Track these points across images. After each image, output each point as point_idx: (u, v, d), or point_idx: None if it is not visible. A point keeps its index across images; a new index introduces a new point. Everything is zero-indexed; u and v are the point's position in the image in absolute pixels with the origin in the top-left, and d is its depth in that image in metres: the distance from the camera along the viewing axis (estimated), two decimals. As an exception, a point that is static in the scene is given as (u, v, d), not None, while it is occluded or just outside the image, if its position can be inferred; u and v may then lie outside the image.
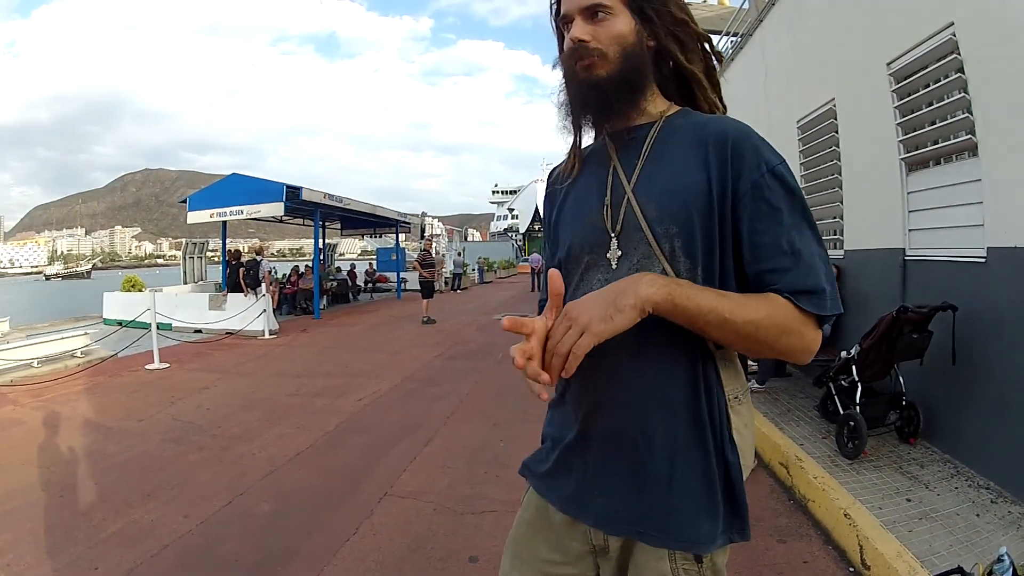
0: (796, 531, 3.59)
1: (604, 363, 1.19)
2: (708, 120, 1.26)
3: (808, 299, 1.09)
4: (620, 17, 1.22)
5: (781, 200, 1.14)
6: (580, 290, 1.28)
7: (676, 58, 1.29)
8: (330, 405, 6.74)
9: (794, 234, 1.13)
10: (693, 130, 1.23)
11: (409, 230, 27.98)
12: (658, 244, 1.18)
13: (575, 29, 1.22)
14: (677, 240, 1.17)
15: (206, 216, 15.74)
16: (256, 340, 12.17)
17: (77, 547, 3.54)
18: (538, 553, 1.36)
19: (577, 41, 1.21)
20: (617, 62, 1.21)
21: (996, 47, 3.83)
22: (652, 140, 1.26)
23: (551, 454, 1.36)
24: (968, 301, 4.05)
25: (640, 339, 1.14)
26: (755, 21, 9.04)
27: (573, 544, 1.32)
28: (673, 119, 1.28)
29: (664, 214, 1.18)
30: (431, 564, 3.30)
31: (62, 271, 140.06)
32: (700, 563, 1.19)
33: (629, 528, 1.21)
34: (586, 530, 1.29)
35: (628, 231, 1.22)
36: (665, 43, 1.26)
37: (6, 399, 7.30)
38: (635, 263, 1.20)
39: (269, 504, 4.10)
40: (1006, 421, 3.72)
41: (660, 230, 1.18)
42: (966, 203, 4.20)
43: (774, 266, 1.12)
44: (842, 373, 4.67)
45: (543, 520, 1.36)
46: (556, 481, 1.32)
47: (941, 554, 2.96)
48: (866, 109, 5.50)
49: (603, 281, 1.23)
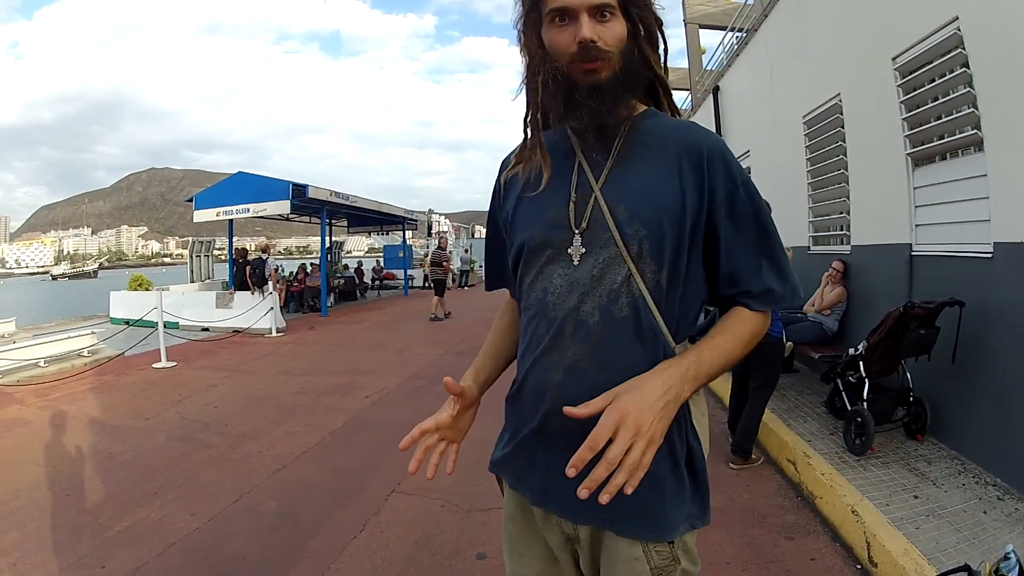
0: (803, 528, 3.58)
1: (564, 358, 1.21)
2: (679, 126, 1.29)
3: (768, 299, 1.25)
4: (620, 19, 1.20)
5: (750, 211, 1.24)
6: (538, 284, 1.28)
7: (651, 64, 1.28)
8: (337, 403, 6.75)
9: (761, 242, 1.25)
10: (664, 135, 1.26)
11: (416, 227, 27.99)
12: (626, 245, 1.19)
13: (585, 28, 1.16)
14: (646, 243, 1.18)
15: (212, 215, 15.75)
16: (263, 338, 12.20)
17: (83, 545, 3.55)
18: (533, 545, 1.38)
19: (588, 41, 1.16)
20: (618, 65, 1.20)
21: (1001, 42, 3.81)
22: (622, 140, 1.26)
23: (510, 444, 1.38)
24: (975, 297, 4.03)
25: (603, 335, 1.19)
26: (760, 16, 9.02)
27: (551, 536, 1.34)
28: (641, 119, 1.28)
29: (634, 216, 1.19)
30: (438, 561, 3.31)
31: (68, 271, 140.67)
32: (671, 544, 1.21)
33: (595, 518, 1.22)
34: (558, 521, 1.30)
35: (595, 229, 1.22)
36: (643, 47, 1.26)
37: (12, 399, 7.33)
38: (600, 262, 1.21)
39: (276, 502, 4.11)
40: (1013, 417, 3.70)
41: (630, 232, 1.19)
42: (972, 198, 4.18)
43: (743, 268, 1.25)
44: (849, 369, 4.66)
45: (525, 514, 1.38)
46: (524, 474, 1.34)
47: (948, 551, 2.95)
48: (872, 104, 5.48)
49: (563, 276, 1.24)
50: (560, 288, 1.24)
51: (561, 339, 1.22)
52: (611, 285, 1.19)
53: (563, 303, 1.22)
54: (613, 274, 1.19)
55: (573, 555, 1.34)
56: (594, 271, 1.20)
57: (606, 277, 1.20)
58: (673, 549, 1.21)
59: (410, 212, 23.93)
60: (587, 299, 1.20)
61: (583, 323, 1.20)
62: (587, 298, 1.20)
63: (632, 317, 1.18)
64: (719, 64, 12.21)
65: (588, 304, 1.20)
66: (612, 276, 1.19)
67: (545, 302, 1.25)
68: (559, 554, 1.34)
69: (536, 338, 1.27)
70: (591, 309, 1.20)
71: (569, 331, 1.21)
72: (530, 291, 1.31)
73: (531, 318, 1.30)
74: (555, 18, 1.20)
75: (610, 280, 1.19)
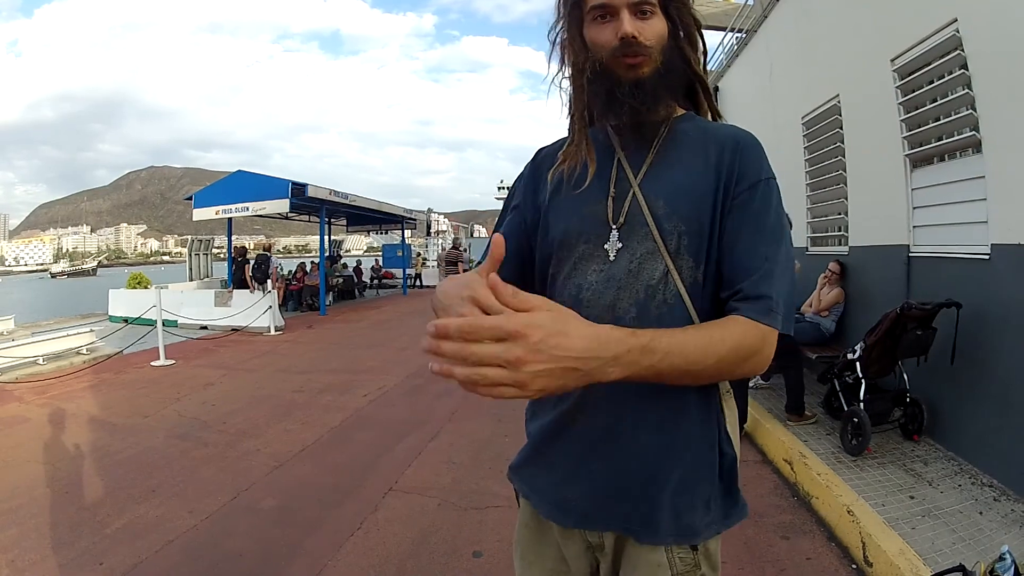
0: (799, 528, 3.60)
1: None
2: (718, 126, 1.28)
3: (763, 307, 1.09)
4: (660, 17, 1.20)
5: (770, 210, 1.17)
6: (571, 281, 1.25)
7: (691, 63, 1.28)
8: (335, 401, 6.75)
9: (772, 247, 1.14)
10: (702, 135, 1.24)
11: (415, 226, 27.98)
12: (664, 241, 1.17)
13: (627, 24, 1.16)
14: (684, 239, 1.16)
15: (212, 213, 15.73)
16: (262, 336, 12.19)
17: (82, 542, 3.56)
18: (544, 553, 1.35)
19: (629, 37, 1.16)
20: (659, 62, 1.20)
21: (999, 43, 3.82)
22: (661, 139, 1.25)
23: (527, 449, 1.35)
24: (972, 298, 4.04)
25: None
26: (760, 17, 9.03)
27: (569, 543, 1.31)
28: (680, 122, 1.28)
29: (673, 211, 1.17)
30: (435, 559, 3.32)
31: (68, 269, 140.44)
32: (695, 550, 1.19)
33: (618, 525, 1.20)
34: (581, 529, 1.28)
35: (632, 225, 1.20)
36: (683, 47, 1.26)
37: (11, 396, 7.34)
38: (637, 256, 1.18)
39: (274, 500, 4.12)
40: (1010, 418, 3.71)
41: (668, 227, 1.17)
42: (970, 200, 4.19)
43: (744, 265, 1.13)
44: (846, 370, 4.68)
45: (540, 522, 1.35)
46: (541, 485, 1.30)
47: (943, 552, 2.96)
48: (870, 105, 5.49)
49: (598, 272, 1.21)
50: (595, 284, 1.21)
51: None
52: (649, 280, 1.16)
53: (599, 299, 1.19)
54: (650, 269, 1.17)
55: (591, 564, 1.31)
56: (631, 266, 1.18)
57: (643, 272, 1.17)
58: (696, 555, 1.19)
59: (409, 211, 23.91)
60: (623, 294, 1.17)
61: (620, 320, 1.15)
62: (623, 293, 1.17)
63: (668, 314, 1.15)
64: (719, 64, 12.20)
65: (625, 300, 1.17)
66: (649, 271, 1.17)
67: (579, 299, 1.22)
68: (574, 563, 1.31)
69: None
70: (628, 305, 1.17)
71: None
72: (563, 289, 1.27)
73: None
74: (596, 16, 1.20)
75: (647, 275, 1.17)
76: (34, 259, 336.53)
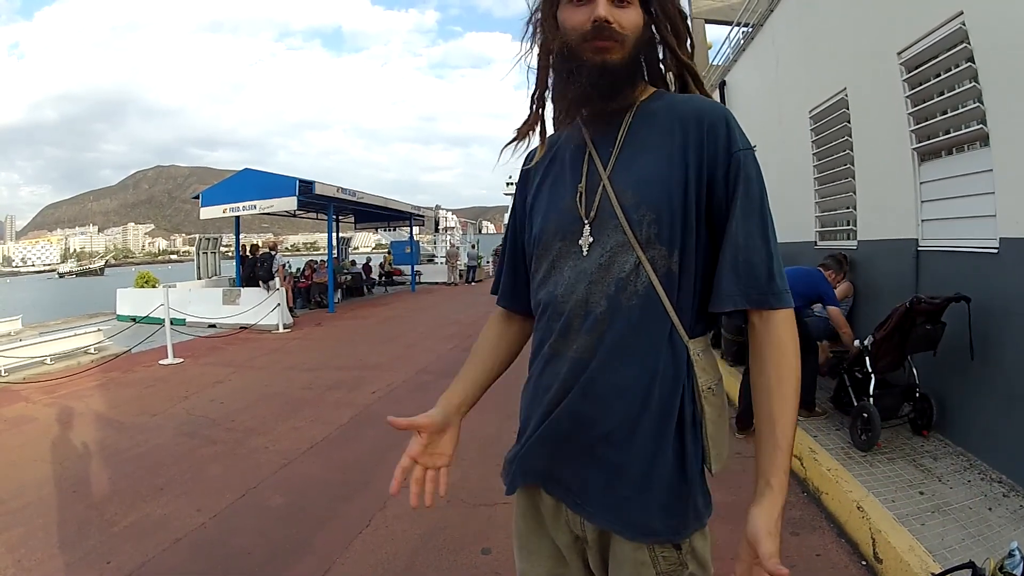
0: (809, 523, 3.58)
1: (570, 351, 1.20)
2: (684, 100, 1.26)
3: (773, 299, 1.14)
4: (637, 8, 1.20)
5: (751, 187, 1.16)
6: (549, 280, 1.27)
7: (675, 51, 1.28)
8: (344, 398, 6.77)
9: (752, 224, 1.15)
10: (668, 112, 1.23)
11: (423, 223, 28.00)
12: (633, 232, 1.16)
13: (602, 8, 1.15)
14: (653, 227, 1.15)
15: (219, 211, 15.81)
16: (270, 334, 12.23)
17: (90, 541, 3.58)
18: (542, 543, 1.36)
19: (603, 21, 1.15)
20: (630, 50, 1.20)
21: (1006, 36, 3.78)
22: (627, 125, 1.25)
23: (517, 446, 1.36)
24: (981, 292, 4.01)
25: (608, 325, 1.16)
26: (766, 11, 8.98)
27: (559, 536, 1.32)
28: (648, 103, 1.27)
29: (642, 201, 1.17)
30: (444, 556, 3.32)
31: (75, 268, 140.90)
32: (679, 549, 1.19)
33: (602, 521, 1.21)
34: (567, 520, 1.29)
35: (603, 218, 1.20)
36: (665, 36, 1.26)
37: (19, 396, 7.38)
38: (608, 250, 1.18)
39: (282, 497, 4.13)
40: (1018, 413, 3.68)
41: (636, 216, 1.17)
42: (978, 193, 4.15)
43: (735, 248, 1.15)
44: (855, 364, 4.65)
45: (536, 512, 1.36)
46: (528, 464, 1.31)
47: (953, 548, 2.94)
48: (878, 99, 5.45)
49: (573, 269, 1.22)
50: (569, 280, 1.21)
51: (569, 332, 1.20)
52: (619, 273, 1.16)
53: (571, 295, 1.20)
54: (621, 262, 1.16)
55: (582, 555, 1.31)
56: (601, 259, 1.18)
57: (614, 265, 1.17)
58: (680, 554, 1.18)
59: (417, 208, 23.92)
60: (594, 289, 1.18)
61: (590, 314, 1.17)
62: (594, 288, 1.18)
63: (640, 306, 1.15)
64: (725, 59, 12.16)
65: (596, 294, 1.17)
66: (620, 264, 1.16)
67: (554, 295, 1.23)
68: (568, 554, 1.32)
69: (547, 333, 1.25)
70: (598, 298, 1.17)
71: (577, 323, 1.19)
72: (540, 289, 1.29)
73: (541, 314, 1.29)
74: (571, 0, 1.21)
75: (618, 268, 1.16)
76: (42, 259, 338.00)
